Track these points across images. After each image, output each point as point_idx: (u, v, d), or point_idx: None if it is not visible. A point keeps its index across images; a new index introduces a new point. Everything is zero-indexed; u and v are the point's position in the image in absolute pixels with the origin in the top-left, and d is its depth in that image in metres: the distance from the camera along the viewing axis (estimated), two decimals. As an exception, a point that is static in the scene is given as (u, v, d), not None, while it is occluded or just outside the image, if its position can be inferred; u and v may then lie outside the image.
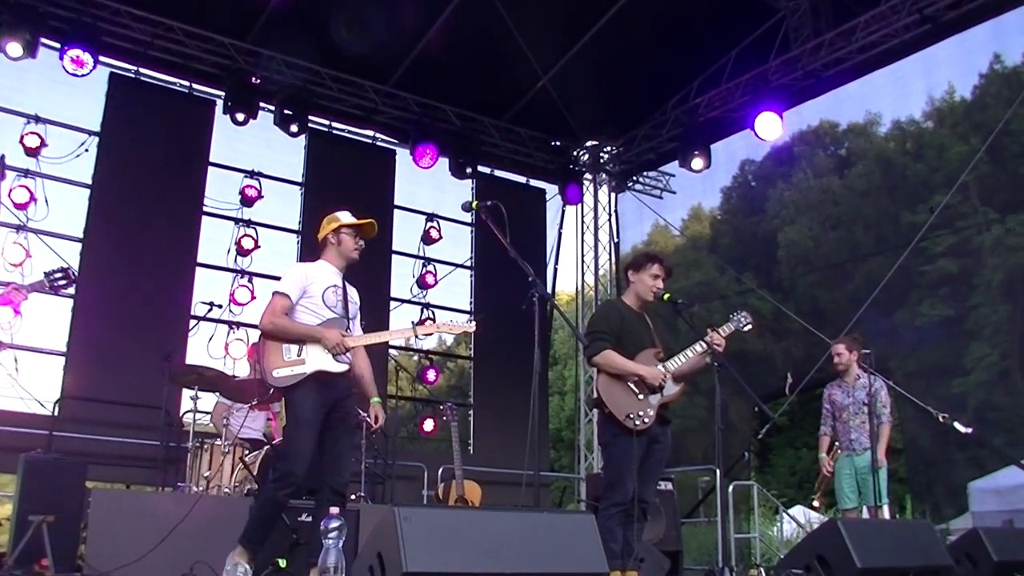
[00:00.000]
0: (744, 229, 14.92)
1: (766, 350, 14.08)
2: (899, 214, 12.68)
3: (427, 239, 13.69)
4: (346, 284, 5.88)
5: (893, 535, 6.32)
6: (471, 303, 13.97)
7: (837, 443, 8.52)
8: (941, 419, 8.35)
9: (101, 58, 10.72)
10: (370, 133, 13.43)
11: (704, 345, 5.97)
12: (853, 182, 13.99)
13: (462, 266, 14.10)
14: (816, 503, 9.00)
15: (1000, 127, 11.02)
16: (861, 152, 14.26)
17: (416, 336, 5.97)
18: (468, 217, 13.89)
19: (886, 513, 8.09)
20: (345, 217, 5.90)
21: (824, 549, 5.86)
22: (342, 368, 5.65)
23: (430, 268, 13.55)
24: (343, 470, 5.66)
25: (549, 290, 14.23)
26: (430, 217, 13.73)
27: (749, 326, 6.22)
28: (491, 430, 13.23)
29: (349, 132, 13.33)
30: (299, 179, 12.76)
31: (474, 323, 5.64)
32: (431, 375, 13.18)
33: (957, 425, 8.32)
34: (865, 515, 8.18)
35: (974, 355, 11.75)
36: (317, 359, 5.56)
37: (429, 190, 13.65)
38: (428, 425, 12.66)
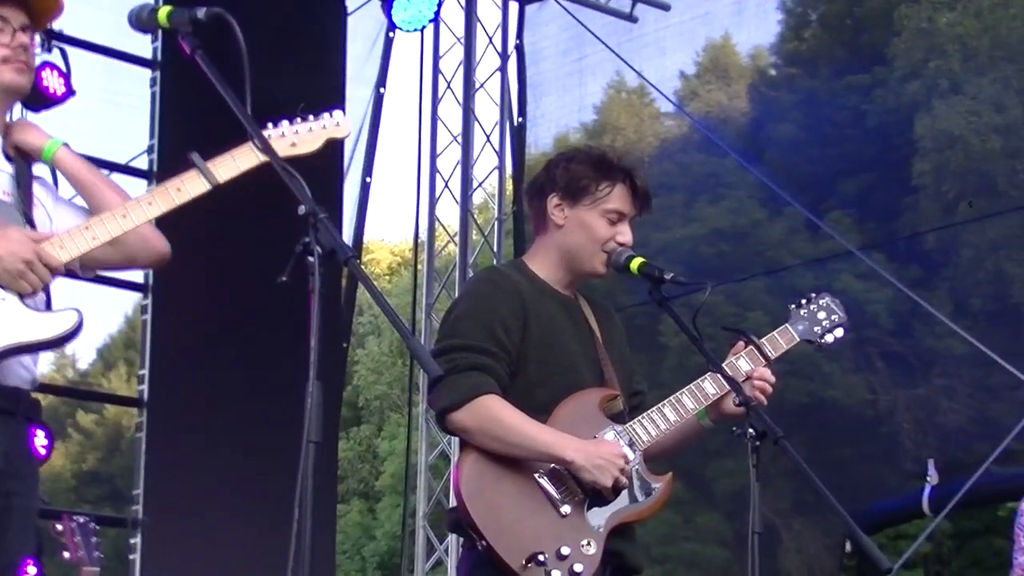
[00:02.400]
0: (828, 105, 10.66)
1: (877, 399, 10.12)
2: None
3: (37, 98, 9.59)
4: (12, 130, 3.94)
5: None
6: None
7: None
8: None
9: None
10: None
11: (722, 383, 4.09)
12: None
13: (130, 169, 10.08)
14: None
15: None
16: None
17: (259, 157, 3.61)
18: (145, 45, 10.05)
19: None
20: None
21: None
22: (29, 337, 3.77)
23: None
24: None
25: (349, 238, 11.50)
26: (46, 44, 9.67)
27: (839, 331, 4.30)
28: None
29: None
30: None
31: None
32: (41, 448, 9.80)
33: None
34: None
35: None
36: None
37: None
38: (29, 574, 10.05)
